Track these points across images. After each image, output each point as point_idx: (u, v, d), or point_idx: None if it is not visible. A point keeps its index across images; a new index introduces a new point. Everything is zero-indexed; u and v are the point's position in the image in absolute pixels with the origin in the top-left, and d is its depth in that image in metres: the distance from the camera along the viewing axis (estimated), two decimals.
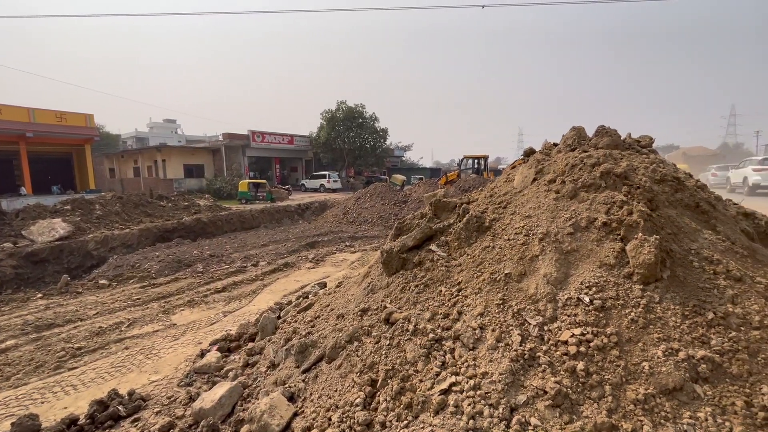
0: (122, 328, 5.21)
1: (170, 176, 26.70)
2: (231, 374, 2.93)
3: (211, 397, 2.50)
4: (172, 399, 2.96)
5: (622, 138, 3.05)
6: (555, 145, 3.39)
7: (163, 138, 47.13)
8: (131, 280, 7.69)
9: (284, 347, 2.84)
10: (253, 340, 3.61)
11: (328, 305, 3.21)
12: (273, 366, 2.82)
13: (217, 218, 13.52)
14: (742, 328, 1.86)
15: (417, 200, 14.85)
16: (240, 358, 3.21)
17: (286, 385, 2.39)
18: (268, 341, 3.26)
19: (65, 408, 3.24)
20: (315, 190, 27.98)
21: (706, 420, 1.60)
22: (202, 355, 3.68)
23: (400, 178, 24.73)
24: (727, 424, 1.58)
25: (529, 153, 3.43)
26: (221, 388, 2.54)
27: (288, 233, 12.49)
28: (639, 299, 2.00)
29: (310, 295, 4.34)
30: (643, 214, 2.22)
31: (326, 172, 28.65)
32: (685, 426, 1.59)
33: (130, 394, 3.03)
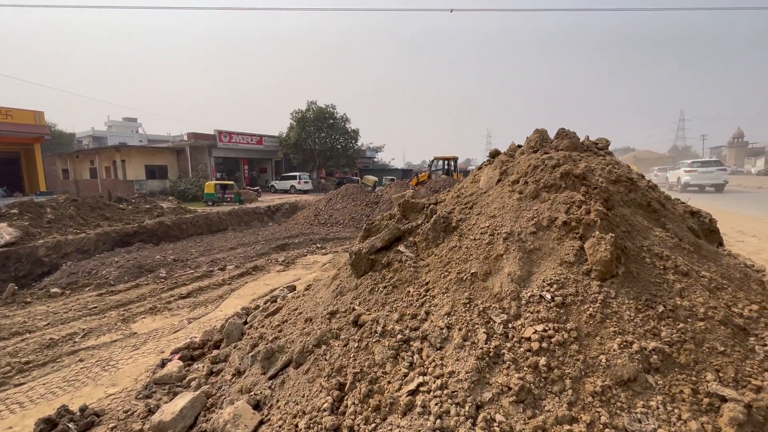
0: (76, 339, 4.90)
1: (131, 177, 25.49)
2: (194, 384, 2.81)
3: (171, 408, 2.38)
4: (128, 413, 2.80)
5: (581, 140, 3.17)
6: (519, 146, 3.49)
7: (122, 137, 44.85)
8: (87, 288, 7.25)
9: (250, 353, 2.75)
10: (218, 348, 3.48)
11: (296, 309, 3.15)
12: (239, 373, 2.73)
13: (182, 221, 12.99)
14: (689, 320, 1.98)
15: (388, 201, 14.90)
16: (204, 367, 3.08)
17: (252, 393, 2.32)
18: (234, 348, 3.15)
19: (10, 428, 3.00)
20: (285, 192, 27.52)
21: (658, 408, 1.68)
22: (162, 364, 3.51)
23: (371, 179, 24.75)
24: (676, 411, 1.67)
25: (495, 154, 3.51)
26: (183, 399, 2.43)
27: (257, 236, 12.20)
28: (597, 295, 2.09)
29: (278, 299, 4.25)
30: (600, 213, 2.32)
31: (297, 173, 28.24)
32: (638, 415, 1.67)
33: (83, 409, 2.84)
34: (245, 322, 3.73)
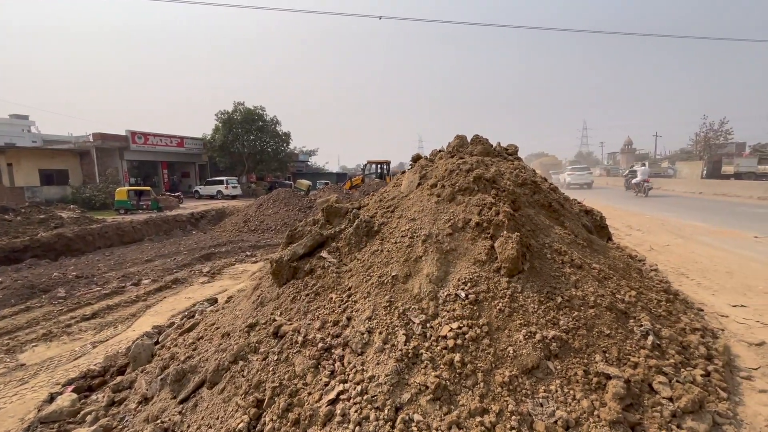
0: None
1: (21, 183, 22.07)
2: (89, 418, 2.47)
3: None
4: None
5: (492, 146, 3.40)
6: (441, 151, 3.64)
7: (9, 137, 38.56)
8: None
9: (159, 377, 2.51)
10: (122, 374, 3.12)
11: (214, 324, 2.95)
12: (145, 400, 2.47)
13: (87, 232, 11.52)
14: (582, 308, 2.21)
15: None
16: (104, 397, 2.73)
17: (159, 421, 2.11)
18: (142, 372, 2.85)
19: None
20: (211, 197, 25.78)
21: (557, 391, 1.85)
22: (51, 399, 3.05)
23: (305, 183, 24.27)
24: (571, 392, 1.85)
25: (416, 159, 3.62)
26: None
27: (179, 246, 11.26)
28: (506, 290, 2.24)
29: (196, 314, 3.94)
30: (508, 214, 2.50)
31: (224, 178, 26.60)
32: (540, 399, 1.82)
33: None
34: (156, 342, 3.39)
